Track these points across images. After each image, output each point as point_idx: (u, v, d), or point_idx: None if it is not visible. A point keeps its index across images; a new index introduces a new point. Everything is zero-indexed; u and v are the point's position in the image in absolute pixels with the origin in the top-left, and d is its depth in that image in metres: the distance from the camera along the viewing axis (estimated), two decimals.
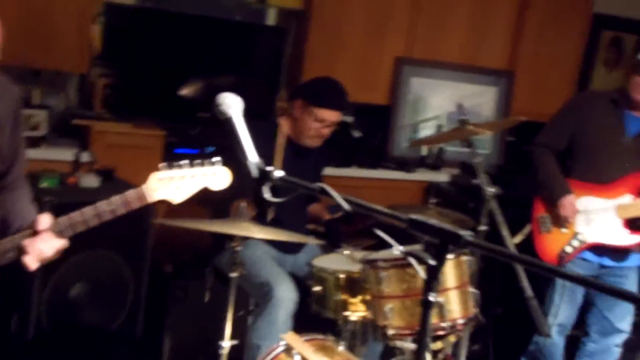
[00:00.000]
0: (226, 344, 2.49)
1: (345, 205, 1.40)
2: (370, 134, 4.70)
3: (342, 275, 2.72)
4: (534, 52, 4.98)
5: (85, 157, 3.69)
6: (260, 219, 2.55)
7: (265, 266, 2.97)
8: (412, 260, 1.36)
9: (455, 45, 4.78)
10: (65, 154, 3.70)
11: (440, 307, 2.44)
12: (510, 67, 4.98)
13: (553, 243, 3.27)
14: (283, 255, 3.16)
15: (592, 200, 3.22)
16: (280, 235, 2.54)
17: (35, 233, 1.74)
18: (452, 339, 2.83)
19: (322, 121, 3.06)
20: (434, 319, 2.44)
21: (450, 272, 2.51)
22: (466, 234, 1.24)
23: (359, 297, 2.69)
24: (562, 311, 3.32)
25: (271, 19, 4.65)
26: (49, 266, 1.94)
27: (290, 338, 2.49)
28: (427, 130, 4.79)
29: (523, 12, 4.90)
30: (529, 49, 4.96)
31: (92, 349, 3.21)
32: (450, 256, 2.51)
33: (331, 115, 3.06)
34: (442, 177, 4.67)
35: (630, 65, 3.23)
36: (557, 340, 3.39)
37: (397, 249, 1.43)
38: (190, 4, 4.31)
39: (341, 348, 2.51)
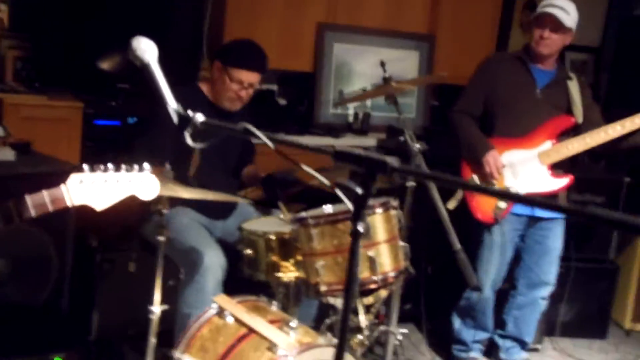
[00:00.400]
0: (156, 308, 2.43)
1: (270, 143, 1.38)
2: (296, 101, 4.68)
3: (272, 237, 2.69)
4: (453, 16, 5.05)
5: None
6: (185, 180, 2.50)
7: (192, 233, 2.91)
8: (339, 192, 1.35)
9: (376, 10, 4.79)
10: None
11: (372, 260, 2.45)
12: (431, 31, 5.03)
13: (486, 202, 3.33)
14: (212, 222, 3.11)
15: (515, 153, 3.30)
16: (207, 195, 2.49)
17: None
18: (383, 293, 2.87)
19: (240, 82, 2.99)
20: (365, 273, 2.45)
21: (380, 226, 2.52)
22: (391, 160, 1.24)
23: (291, 258, 2.68)
24: (492, 267, 3.40)
25: None
26: None
27: (222, 300, 2.46)
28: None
29: None
30: (448, 12, 5.03)
31: (18, 326, 3.10)
32: (379, 210, 2.53)
33: (248, 76, 2.99)
34: (369, 141, 4.69)
35: (531, 19, 3.34)
36: (488, 295, 3.47)
37: (325, 182, 1.41)
38: None
39: (274, 307, 2.49)
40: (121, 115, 3.81)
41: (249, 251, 2.75)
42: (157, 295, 2.45)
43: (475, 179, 3.36)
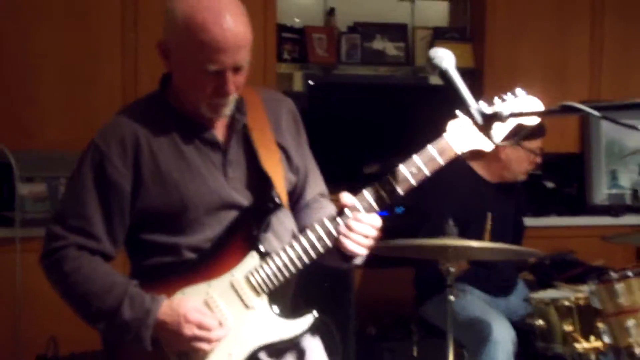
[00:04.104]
0: None
1: (596, 113, 1.25)
2: (564, 183, 4.44)
3: (566, 303, 2.49)
4: None
5: None
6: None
7: (478, 307, 2.84)
8: None
9: None
10: None
11: None
12: None
13: None
14: (494, 299, 2.99)
15: None
16: (498, 246, 2.38)
17: (341, 212, 1.59)
18: None
19: (533, 151, 3.03)
20: None
21: None
22: None
23: (589, 324, 2.42)
24: None
25: (439, 80, 4.63)
26: None
27: None
28: (628, 174, 4.44)
29: None
30: None
31: None
32: None
33: (539, 143, 3.05)
34: None
35: None
36: None
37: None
38: (358, 75, 4.39)
39: None
40: (389, 206, 3.89)
41: (540, 322, 2.57)
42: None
43: None
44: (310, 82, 4.22)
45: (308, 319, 1.66)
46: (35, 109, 3.51)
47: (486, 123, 1.43)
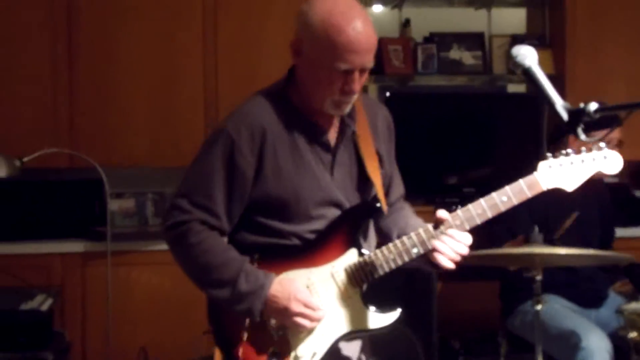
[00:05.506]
0: None
1: None
2: None
3: None
4: None
5: None
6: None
7: (567, 316, 2.76)
8: None
9: None
10: None
11: None
12: None
13: None
14: (584, 310, 2.90)
15: None
16: (586, 252, 2.32)
17: (436, 226, 1.73)
18: None
19: (612, 143, 2.89)
20: None
21: None
22: None
23: None
24: None
25: (518, 88, 4.56)
26: None
27: None
28: None
29: None
30: None
31: None
32: None
33: (618, 134, 2.90)
34: None
35: None
36: None
37: None
38: (435, 85, 4.37)
39: None
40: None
41: (634, 334, 2.48)
42: None
43: None
44: (387, 94, 4.23)
45: (395, 314, 1.79)
46: (123, 128, 3.67)
47: (572, 119, 1.42)
